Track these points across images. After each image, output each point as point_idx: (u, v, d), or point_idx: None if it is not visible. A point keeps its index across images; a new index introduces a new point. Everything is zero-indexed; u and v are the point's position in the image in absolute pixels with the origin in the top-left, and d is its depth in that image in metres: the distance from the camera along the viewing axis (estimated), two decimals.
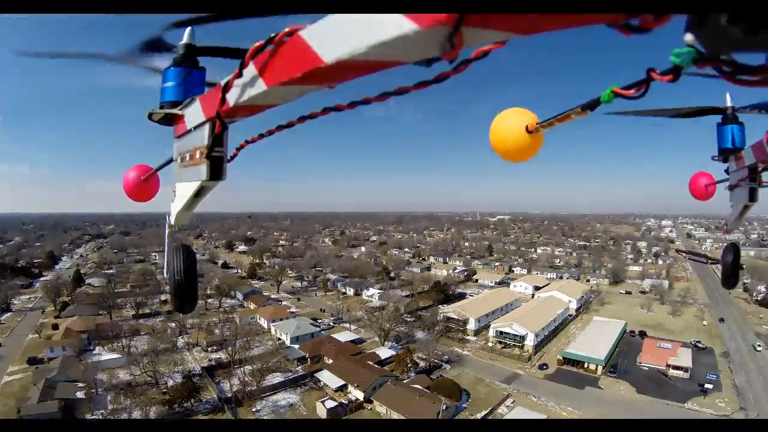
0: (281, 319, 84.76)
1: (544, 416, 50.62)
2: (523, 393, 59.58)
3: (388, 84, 1.51)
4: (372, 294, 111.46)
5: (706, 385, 60.47)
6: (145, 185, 3.39)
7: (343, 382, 57.05)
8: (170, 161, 2.76)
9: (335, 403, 52.57)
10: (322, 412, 51.15)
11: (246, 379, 56.83)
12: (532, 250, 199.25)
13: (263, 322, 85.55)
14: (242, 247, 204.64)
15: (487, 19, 1.07)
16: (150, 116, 2.54)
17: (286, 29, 1.56)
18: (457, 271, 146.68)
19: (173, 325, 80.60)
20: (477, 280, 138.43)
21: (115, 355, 66.89)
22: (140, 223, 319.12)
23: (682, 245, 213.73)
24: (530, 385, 62.81)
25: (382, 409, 51.67)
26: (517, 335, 76.78)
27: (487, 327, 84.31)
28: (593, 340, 72.86)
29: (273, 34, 1.60)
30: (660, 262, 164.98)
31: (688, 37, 0.90)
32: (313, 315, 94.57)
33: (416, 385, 54.68)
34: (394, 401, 50.64)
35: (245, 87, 1.83)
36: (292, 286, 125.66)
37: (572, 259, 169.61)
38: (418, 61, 1.35)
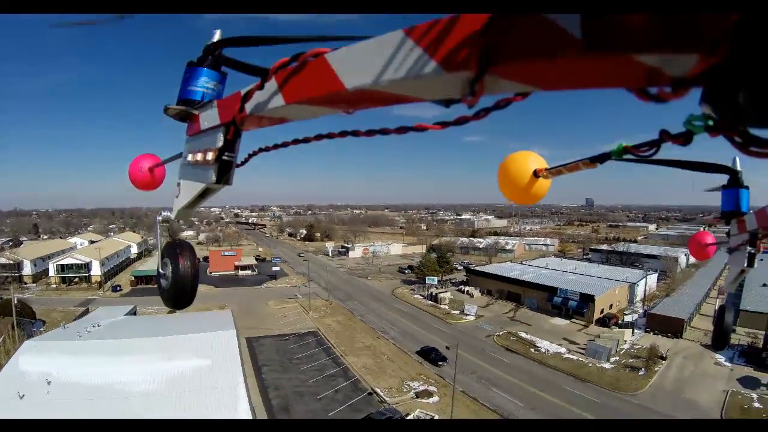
0: None
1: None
2: (101, 306, 55.37)
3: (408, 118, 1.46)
4: None
5: (274, 269, 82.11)
6: (150, 175, 3.21)
7: None
8: (179, 155, 2.64)
9: None
10: None
11: None
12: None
13: None
14: None
15: (511, 70, 1.02)
16: (166, 110, 2.42)
17: (313, 50, 1.58)
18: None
19: None
20: None
21: None
22: None
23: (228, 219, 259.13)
24: (108, 303, 59.23)
25: None
26: (81, 264, 72.09)
27: (46, 272, 72.73)
28: None
29: (299, 53, 1.61)
30: (212, 225, 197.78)
31: (704, 108, 0.85)
32: None
33: None
34: None
35: (264, 99, 1.81)
36: None
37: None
38: (438, 100, 1.34)
